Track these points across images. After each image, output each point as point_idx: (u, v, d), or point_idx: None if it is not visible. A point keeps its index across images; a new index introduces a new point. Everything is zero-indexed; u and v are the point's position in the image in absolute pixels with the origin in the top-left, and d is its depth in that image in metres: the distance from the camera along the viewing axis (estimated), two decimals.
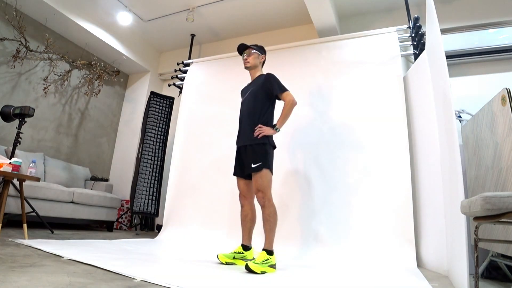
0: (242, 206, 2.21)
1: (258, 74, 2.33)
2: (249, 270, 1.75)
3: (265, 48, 3.95)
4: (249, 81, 2.39)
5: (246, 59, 2.30)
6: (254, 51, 2.31)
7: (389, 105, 2.84)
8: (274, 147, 2.19)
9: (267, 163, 2.04)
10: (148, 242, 2.98)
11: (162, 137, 4.26)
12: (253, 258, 1.98)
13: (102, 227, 4.18)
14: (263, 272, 1.78)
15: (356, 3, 3.79)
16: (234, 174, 2.27)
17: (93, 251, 2.01)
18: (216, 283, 1.48)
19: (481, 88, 3.14)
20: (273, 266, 1.86)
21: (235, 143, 2.95)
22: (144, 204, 3.97)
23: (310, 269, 2.07)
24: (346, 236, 2.61)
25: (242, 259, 2.09)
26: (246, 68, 2.33)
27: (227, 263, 2.02)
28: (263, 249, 1.91)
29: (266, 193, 2.00)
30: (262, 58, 2.36)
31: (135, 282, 1.32)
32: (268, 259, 1.85)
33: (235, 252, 2.10)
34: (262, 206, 2.00)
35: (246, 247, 2.15)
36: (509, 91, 1.93)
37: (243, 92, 2.39)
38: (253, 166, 2.02)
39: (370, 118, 2.88)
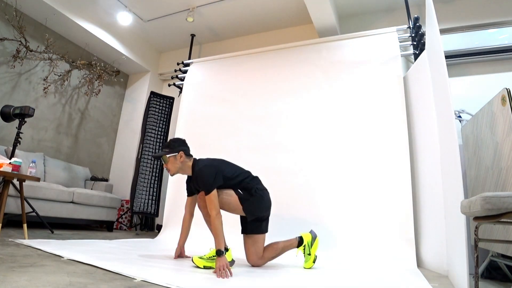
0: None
1: (190, 170, 2.08)
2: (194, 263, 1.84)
3: (265, 48, 3.93)
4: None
5: (166, 168, 2.09)
6: (168, 155, 2.05)
7: (389, 105, 2.84)
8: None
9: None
10: (148, 242, 2.98)
11: (162, 137, 4.26)
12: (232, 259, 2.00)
13: (102, 227, 4.18)
14: (204, 267, 1.83)
15: (356, 3, 3.79)
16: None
17: (93, 251, 2.01)
18: (216, 283, 1.48)
19: (481, 88, 3.14)
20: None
21: (235, 143, 2.95)
22: (144, 204, 3.97)
23: (310, 269, 2.07)
24: (346, 236, 2.61)
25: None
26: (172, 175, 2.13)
27: (204, 267, 1.91)
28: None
29: None
30: (181, 155, 2.05)
31: (135, 282, 1.32)
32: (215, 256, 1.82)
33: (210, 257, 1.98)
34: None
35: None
36: (509, 91, 1.93)
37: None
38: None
39: (370, 118, 2.88)
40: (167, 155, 2.05)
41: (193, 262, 1.86)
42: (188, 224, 2.22)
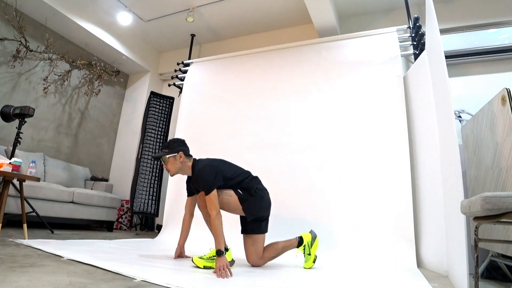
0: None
1: (190, 171, 2.06)
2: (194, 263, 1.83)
3: (265, 48, 3.93)
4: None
5: (166, 168, 2.06)
6: (168, 156, 2.02)
7: (389, 105, 2.84)
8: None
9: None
10: (148, 242, 2.98)
11: (162, 137, 4.26)
12: (232, 259, 1.99)
13: (102, 227, 4.18)
14: (204, 267, 1.82)
15: (356, 3, 3.79)
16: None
17: (93, 251, 2.01)
18: (216, 283, 1.48)
19: (481, 88, 3.14)
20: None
21: (234, 143, 2.94)
22: (144, 204, 3.97)
23: (310, 269, 2.07)
24: (346, 236, 2.61)
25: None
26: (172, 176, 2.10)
27: (204, 267, 1.90)
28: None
29: None
30: (180, 156, 2.03)
31: (135, 282, 1.32)
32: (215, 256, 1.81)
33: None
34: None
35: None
36: (509, 91, 1.93)
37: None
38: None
39: (370, 118, 2.88)
40: (167, 156, 2.02)
41: (193, 262, 1.86)
42: (188, 224, 2.21)
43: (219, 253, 1.72)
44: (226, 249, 1.96)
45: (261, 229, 2.07)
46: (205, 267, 1.83)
